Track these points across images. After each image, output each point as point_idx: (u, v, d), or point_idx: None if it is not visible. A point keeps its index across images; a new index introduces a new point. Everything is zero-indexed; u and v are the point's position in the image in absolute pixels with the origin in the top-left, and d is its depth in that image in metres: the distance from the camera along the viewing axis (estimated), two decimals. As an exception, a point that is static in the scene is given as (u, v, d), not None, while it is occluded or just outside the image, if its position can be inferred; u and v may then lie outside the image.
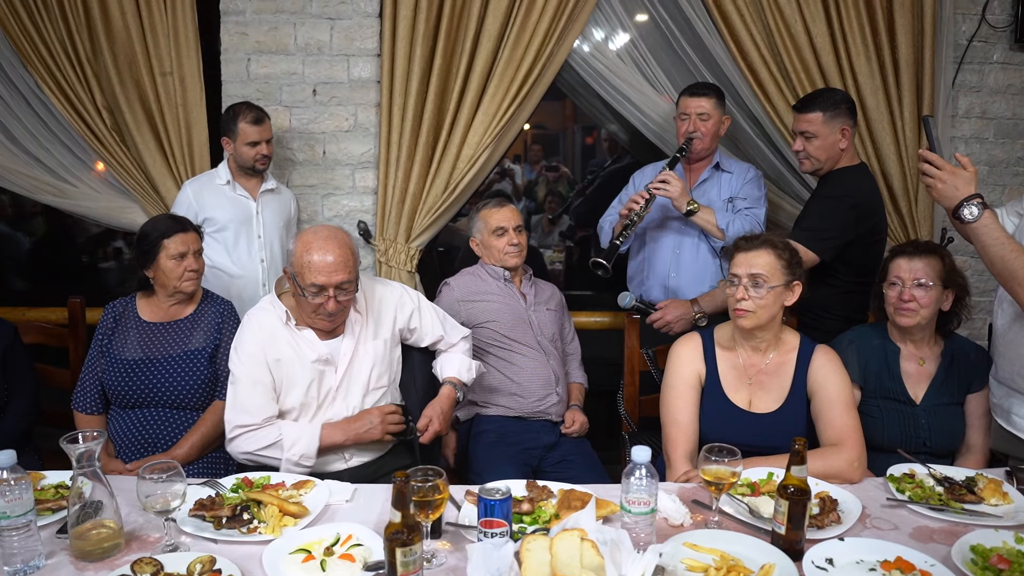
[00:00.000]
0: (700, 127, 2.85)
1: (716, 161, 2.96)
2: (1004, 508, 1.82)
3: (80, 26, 3.14)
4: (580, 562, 1.37)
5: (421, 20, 3.11)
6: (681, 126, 2.90)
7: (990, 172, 3.53)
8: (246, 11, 3.28)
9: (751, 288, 2.05)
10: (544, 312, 2.85)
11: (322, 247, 2.08)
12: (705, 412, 2.13)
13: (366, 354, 2.26)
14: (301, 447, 2.11)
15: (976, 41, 3.39)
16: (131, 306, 2.45)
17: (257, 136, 2.98)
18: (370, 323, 2.30)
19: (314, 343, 2.20)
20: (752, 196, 2.91)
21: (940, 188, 1.96)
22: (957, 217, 1.95)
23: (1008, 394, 2.16)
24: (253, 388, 2.14)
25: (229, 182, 3.05)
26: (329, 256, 2.07)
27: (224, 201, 3.05)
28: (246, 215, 3.07)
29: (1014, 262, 1.90)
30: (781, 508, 1.59)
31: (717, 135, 2.92)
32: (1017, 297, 1.95)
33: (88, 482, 1.58)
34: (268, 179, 3.14)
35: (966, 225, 1.95)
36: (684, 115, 2.88)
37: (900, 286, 2.24)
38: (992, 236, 1.93)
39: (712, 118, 2.86)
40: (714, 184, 2.96)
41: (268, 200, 3.13)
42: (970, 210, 1.92)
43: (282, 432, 2.12)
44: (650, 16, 3.34)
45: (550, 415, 2.74)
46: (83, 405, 2.40)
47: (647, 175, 3.07)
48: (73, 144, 3.33)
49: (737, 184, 2.94)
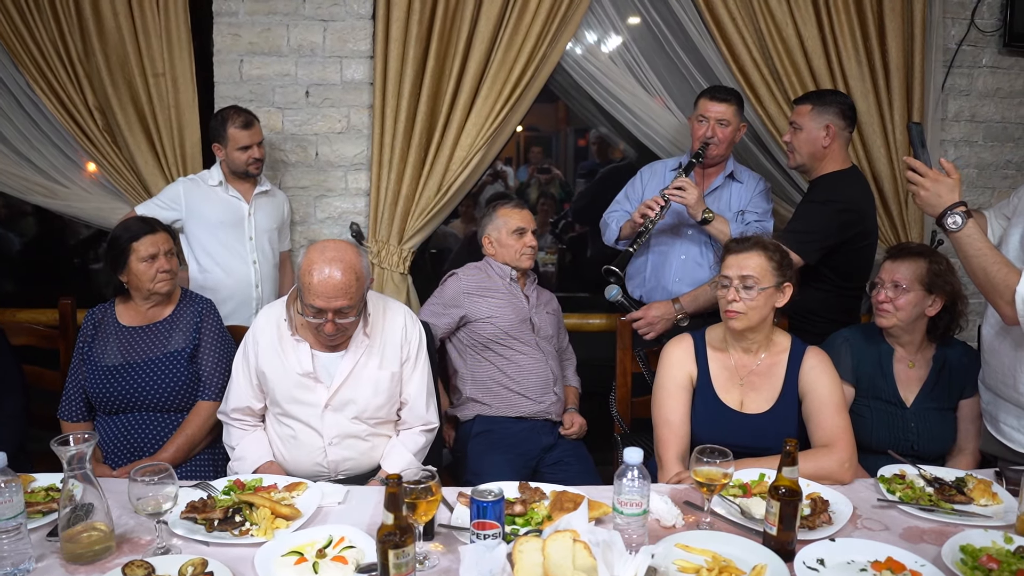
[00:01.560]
0: (718, 133, 2.80)
1: (731, 171, 2.94)
2: (994, 508, 1.84)
3: (72, 26, 3.13)
4: (572, 563, 1.38)
5: (414, 22, 3.11)
6: (698, 129, 2.84)
7: (979, 175, 3.56)
8: (239, 12, 3.27)
9: (742, 290, 2.06)
10: (544, 315, 2.88)
11: (324, 269, 2.00)
12: (697, 413, 2.14)
13: (367, 379, 2.19)
14: (241, 465, 2.19)
15: (965, 45, 3.41)
16: (110, 312, 2.44)
17: (248, 140, 2.96)
18: (376, 349, 2.21)
19: (303, 357, 2.16)
20: (761, 209, 2.89)
21: (923, 195, 1.95)
22: (941, 226, 1.95)
23: (994, 400, 2.18)
24: (236, 378, 2.26)
25: (221, 183, 3.04)
26: (330, 280, 1.99)
27: (216, 202, 3.03)
28: (238, 217, 3.06)
29: (996, 275, 1.90)
30: (772, 509, 1.60)
31: (733, 142, 2.89)
32: (998, 309, 1.95)
33: (79, 484, 1.57)
34: (263, 182, 3.13)
35: (949, 235, 1.95)
36: (702, 118, 2.82)
37: (880, 287, 2.26)
38: (975, 247, 1.92)
39: (731, 125, 2.82)
40: (725, 193, 2.93)
41: (261, 202, 3.12)
42: (953, 219, 1.91)
43: (240, 445, 2.23)
44: (642, 19, 3.35)
45: (550, 414, 2.76)
46: (69, 414, 2.39)
47: (656, 172, 3.05)
48: (64, 145, 3.32)
49: (747, 196, 2.92)
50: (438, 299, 2.81)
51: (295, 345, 2.17)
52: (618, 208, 3.08)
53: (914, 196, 2.00)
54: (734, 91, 2.93)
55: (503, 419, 2.71)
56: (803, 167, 2.75)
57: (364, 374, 2.19)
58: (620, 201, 3.09)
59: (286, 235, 3.31)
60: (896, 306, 2.22)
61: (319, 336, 2.13)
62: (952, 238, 1.95)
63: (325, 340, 2.14)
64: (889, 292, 2.23)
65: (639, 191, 3.05)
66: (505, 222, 2.83)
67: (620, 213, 3.04)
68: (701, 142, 2.82)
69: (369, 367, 2.19)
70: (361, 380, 2.19)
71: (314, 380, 2.17)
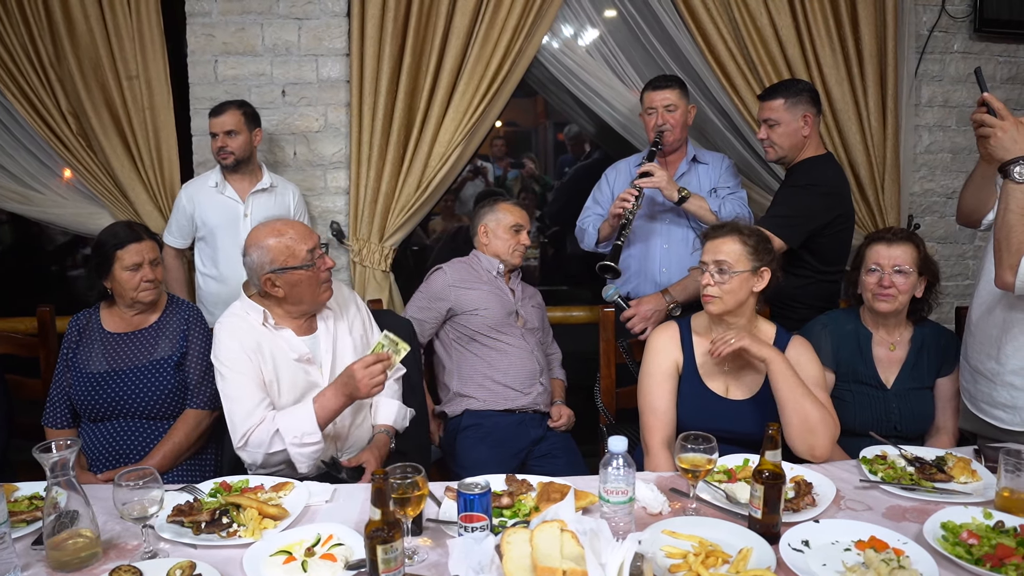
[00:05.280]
0: (668, 119, 2.87)
1: (692, 155, 2.98)
2: (973, 485, 1.87)
3: (43, 30, 3.09)
4: (560, 553, 1.39)
5: (389, 19, 3.10)
6: (649, 121, 2.91)
7: (953, 159, 3.61)
8: (212, 12, 3.25)
9: (716, 274, 2.10)
10: (530, 307, 2.91)
11: (279, 229, 2.14)
12: (683, 399, 2.16)
13: (346, 348, 2.26)
14: (299, 427, 2.04)
15: (937, 31, 3.46)
16: (95, 318, 2.40)
17: (216, 128, 2.94)
18: (343, 317, 2.32)
19: (292, 341, 2.19)
20: (732, 183, 2.95)
21: (1000, 138, 1.85)
22: (1003, 172, 1.88)
23: (975, 378, 2.21)
24: (244, 384, 2.09)
25: (217, 184, 3.02)
26: (290, 229, 2.15)
27: (212, 204, 3.02)
28: (232, 218, 3.03)
29: (1018, 236, 1.87)
30: (757, 493, 1.61)
31: (686, 124, 2.94)
32: (998, 269, 1.94)
33: (63, 491, 1.55)
34: (264, 177, 3.09)
35: (1008, 181, 1.88)
36: (651, 109, 2.90)
37: (880, 272, 2.28)
38: (1020, 203, 1.86)
39: (679, 108, 2.88)
40: (693, 176, 2.97)
41: (259, 200, 3.07)
42: (1021, 170, 1.84)
43: (276, 423, 2.05)
44: (618, 12, 3.36)
45: (538, 405, 2.78)
46: (53, 421, 2.35)
47: (620, 171, 3.08)
48: (39, 150, 3.28)
49: (716, 174, 2.96)
50: (423, 293, 2.82)
51: (280, 334, 2.18)
52: (590, 213, 3.10)
53: (984, 138, 1.89)
54: (674, 76, 3.01)
55: (492, 412, 2.72)
56: (783, 159, 2.78)
57: (342, 344, 2.27)
58: (591, 206, 3.12)
59: None
60: (900, 290, 2.26)
61: (323, 290, 2.20)
62: (1008, 187, 1.88)
63: (328, 286, 2.21)
64: (894, 277, 2.26)
65: (607, 193, 3.07)
66: (505, 216, 2.86)
67: (594, 217, 3.06)
68: (656, 131, 2.88)
69: (344, 337, 2.28)
70: (343, 351, 2.26)
71: (309, 362, 2.20)
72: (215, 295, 2.99)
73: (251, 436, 2.06)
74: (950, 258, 3.68)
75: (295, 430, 2.04)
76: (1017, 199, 1.87)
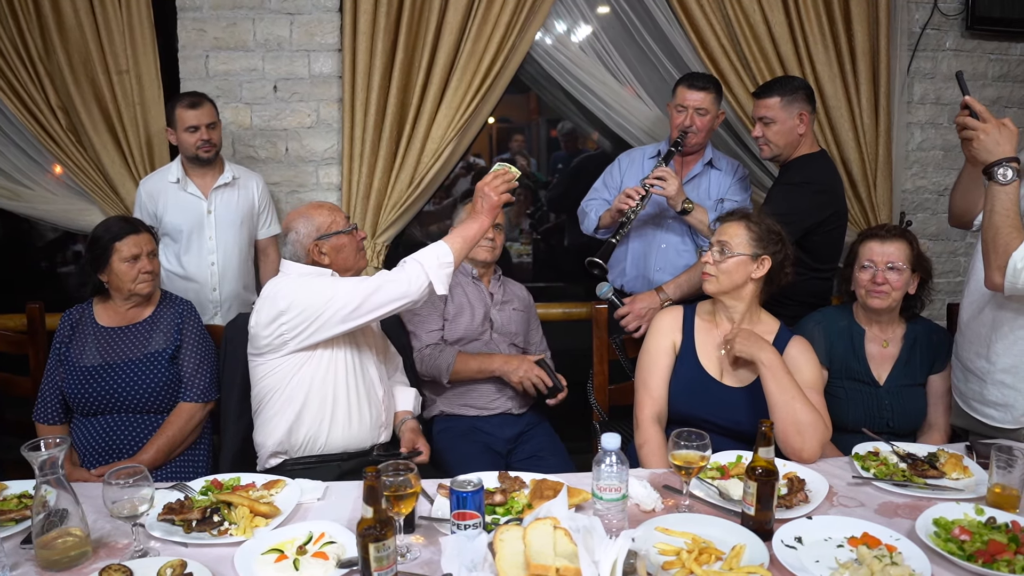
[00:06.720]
0: (696, 122, 2.78)
1: (709, 158, 2.93)
2: (965, 481, 1.88)
3: (31, 24, 3.06)
4: (554, 550, 1.38)
5: (382, 14, 3.09)
6: (676, 117, 2.82)
7: (945, 156, 3.62)
8: (203, 7, 3.22)
9: (717, 254, 2.14)
10: (509, 312, 2.81)
11: (317, 204, 2.31)
12: (677, 377, 2.19)
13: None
14: (435, 252, 2.10)
15: (929, 29, 3.47)
16: (88, 312, 2.39)
17: (195, 120, 2.86)
18: None
19: None
20: (740, 198, 2.91)
21: (983, 140, 1.87)
22: (987, 174, 1.89)
23: (966, 377, 2.21)
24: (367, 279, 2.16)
25: (179, 180, 2.96)
26: (325, 204, 2.31)
27: (175, 203, 2.96)
28: (196, 216, 2.98)
29: (1003, 237, 1.88)
30: (750, 489, 1.61)
31: (711, 130, 2.88)
32: (987, 271, 1.95)
33: (52, 490, 1.54)
34: (226, 171, 3.03)
35: (992, 183, 1.89)
36: (681, 107, 2.80)
37: (873, 268, 2.28)
38: (1004, 206, 1.88)
39: (709, 113, 2.80)
40: (704, 180, 2.93)
41: (222, 196, 3.02)
42: (1004, 172, 1.86)
43: (415, 258, 2.11)
44: (611, 8, 3.36)
45: (508, 408, 2.71)
46: (44, 416, 2.34)
47: (635, 160, 3.03)
48: (27, 146, 3.25)
49: (726, 183, 2.92)
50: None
51: None
52: (596, 196, 3.05)
53: (968, 141, 1.91)
54: (712, 79, 2.92)
55: (462, 416, 2.68)
56: (778, 157, 2.76)
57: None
58: (598, 189, 3.07)
59: (267, 220, 3.17)
60: (894, 287, 2.26)
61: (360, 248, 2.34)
62: (993, 189, 1.89)
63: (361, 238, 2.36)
64: (888, 274, 2.26)
65: (617, 179, 3.03)
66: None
67: (599, 201, 3.02)
68: (680, 131, 2.80)
69: None
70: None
71: None
72: (181, 294, 2.95)
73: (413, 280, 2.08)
74: (942, 255, 3.69)
75: (434, 257, 2.09)
76: (1002, 200, 1.89)
